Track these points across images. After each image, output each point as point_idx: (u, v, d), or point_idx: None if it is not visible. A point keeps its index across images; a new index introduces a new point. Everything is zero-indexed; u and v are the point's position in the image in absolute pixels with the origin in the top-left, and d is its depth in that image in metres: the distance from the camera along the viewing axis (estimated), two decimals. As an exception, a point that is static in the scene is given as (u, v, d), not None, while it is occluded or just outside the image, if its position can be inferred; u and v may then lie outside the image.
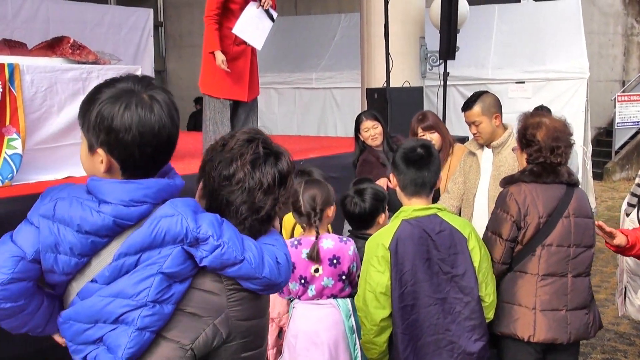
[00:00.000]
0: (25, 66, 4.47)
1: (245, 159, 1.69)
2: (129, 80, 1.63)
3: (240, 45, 5.36)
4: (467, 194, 4.06)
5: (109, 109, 1.56)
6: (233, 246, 1.56)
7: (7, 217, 3.64)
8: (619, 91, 13.27)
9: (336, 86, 11.77)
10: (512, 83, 10.27)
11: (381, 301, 2.75)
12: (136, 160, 1.59)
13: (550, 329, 2.99)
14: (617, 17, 14.01)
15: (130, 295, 1.51)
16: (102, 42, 9.61)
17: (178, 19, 15.45)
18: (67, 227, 1.53)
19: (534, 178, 3.06)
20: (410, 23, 8.62)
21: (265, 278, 1.62)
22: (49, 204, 1.57)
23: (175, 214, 1.54)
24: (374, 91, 7.77)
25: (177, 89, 15.73)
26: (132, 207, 1.54)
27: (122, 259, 1.53)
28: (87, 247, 1.55)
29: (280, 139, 7.21)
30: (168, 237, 1.53)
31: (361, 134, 4.89)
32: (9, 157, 4.31)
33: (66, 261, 1.55)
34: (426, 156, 2.84)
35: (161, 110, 1.59)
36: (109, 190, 1.55)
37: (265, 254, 1.64)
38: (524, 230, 3.03)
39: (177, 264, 1.53)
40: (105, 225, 1.53)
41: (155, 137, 1.58)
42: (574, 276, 3.05)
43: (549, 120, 3.12)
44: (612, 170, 12.82)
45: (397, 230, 2.77)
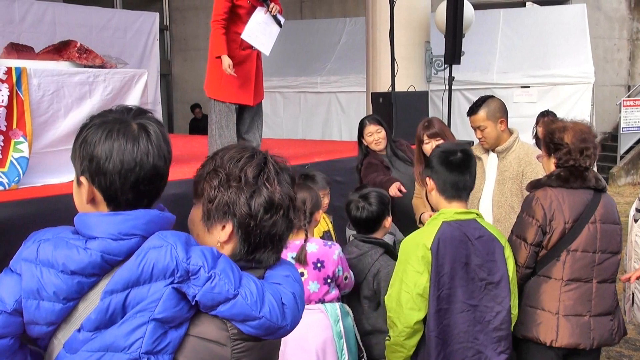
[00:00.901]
0: (33, 70, 4.49)
1: (275, 187, 1.56)
2: (121, 110, 1.54)
3: (246, 50, 5.35)
4: (472, 198, 4.05)
5: (92, 136, 1.47)
6: (225, 278, 1.41)
7: (14, 220, 3.66)
8: (624, 96, 13.24)
9: (341, 90, 11.80)
10: (517, 87, 10.28)
11: (418, 303, 2.70)
12: (118, 190, 1.47)
13: (573, 335, 2.98)
14: (623, 22, 13.99)
15: (122, 348, 1.36)
16: (108, 45, 9.64)
17: (183, 22, 15.50)
18: (51, 269, 1.40)
19: (561, 183, 3.04)
20: (415, 27, 8.64)
21: (265, 319, 1.43)
22: (32, 246, 1.43)
23: (164, 244, 1.41)
24: (379, 95, 7.78)
25: (182, 93, 15.79)
26: (120, 241, 1.42)
27: (109, 297, 1.38)
28: (73, 289, 1.40)
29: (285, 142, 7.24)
30: (156, 270, 1.39)
31: (364, 139, 4.87)
32: (15, 161, 4.33)
33: (50, 308, 1.40)
34: (468, 160, 2.83)
35: (148, 140, 1.48)
36: (94, 224, 1.44)
37: (267, 293, 1.47)
38: (549, 235, 3.01)
39: (170, 307, 1.39)
40: (92, 262, 1.40)
41: (139, 166, 1.47)
42: (598, 282, 3.03)
43: (573, 124, 3.11)
44: (617, 175, 12.79)
45: (439, 231, 2.74)
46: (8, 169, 4.30)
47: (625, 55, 14.13)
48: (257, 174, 1.54)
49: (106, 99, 4.92)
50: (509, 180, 3.81)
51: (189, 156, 6.52)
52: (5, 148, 4.31)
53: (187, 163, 5.80)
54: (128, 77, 5.15)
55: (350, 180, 5.57)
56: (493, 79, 10.44)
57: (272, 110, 12.43)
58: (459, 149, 2.86)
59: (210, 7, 5.46)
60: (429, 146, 4.37)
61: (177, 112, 16.11)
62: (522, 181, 3.76)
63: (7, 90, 4.29)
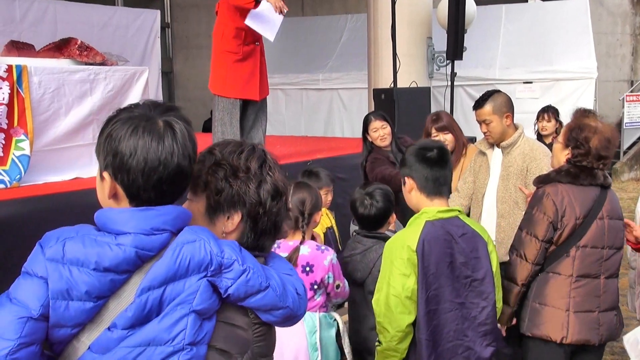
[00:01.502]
0: (33, 68, 4.49)
1: (275, 178, 1.62)
2: (148, 105, 1.54)
3: (250, 45, 5.33)
4: (476, 193, 4.04)
5: (118, 131, 1.46)
6: (258, 272, 1.47)
7: (15, 218, 3.66)
8: (627, 91, 13.20)
9: (343, 87, 11.78)
10: (519, 83, 10.25)
11: (407, 306, 2.67)
12: (140, 188, 1.47)
13: (582, 331, 2.96)
14: (625, 17, 13.94)
15: (166, 341, 1.39)
16: (109, 43, 9.62)
17: (185, 20, 15.48)
18: (82, 267, 1.38)
19: (570, 179, 3.01)
20: (417, 24, 8.62)
21: (289, 308, 1.52)
22: (56, 245, 1.40)
23: (197, 239, 1.44)
24: (381, 92, 7.75)
25: (184, 91, 15.78)
26: (153, 236, 1.43)
27: (146, 293, 1.40)
28: (106, 286, 1.39)
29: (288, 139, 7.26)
30: (193, 265, 1.42)
31: (369, 135, 4.85)
32: (17, 159, 4.33)
33: (80, 308, 1.38)
34: (444, 154, 2.79)
35: (173, 139, 1.48)
36: (124, 220, 1.43)
37: (287, 284, 1.55)
38: (560, 231, 2.99)
39: (206, 299, 1.43)
40: (127, 258, 1.39)
41: (162, 165, 1.46)
42: (606, 277, 3.03)
43: (603, 127, 3.05)
44: (620, 170, 12.76)
45: (423, 232, 2.69)
46: (9, 167, 4.30)
47: (628, 50, 14.08)
48: (261, 164, 1.60)
49: (107, 96, 4.91)
50: (513, 175, 3.79)
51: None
52: (6, 146, 4.31)
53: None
54: (129, 74, 5.15)
55: (353, 177, 5.56)
56: (495, 75, 10.42)
57: (274, 108, 12.40)
58: (435, 145, 2.82)
59: (211, 5, 5.42)
60: (437, 139, 4.35)
61: (179, 110, 16.12)
62: (526, 177, 3.74)
63: (7, 88, 4.29)
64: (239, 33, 5.23)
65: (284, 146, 7.27)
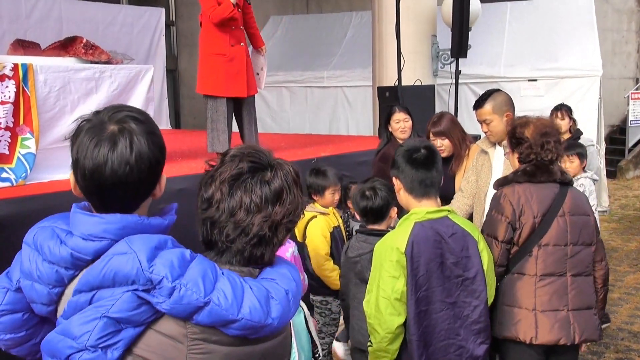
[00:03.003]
0: (39, 66, 4.51)
1: (224, 177, 1.54)
2: (108, 110, 1.54)
3: (235, 46, 5.66)
4: (479, 192, 4.04)
5: (77, 134, 1.50)
6: (193, 287, 1.37)
7: (21, 216, 3.68)
8: (632, 88, 13.16)
9: (347, 84, 11.76)
10: (524, 81, 10.22)
11: (397, 307, 2.68)
12: (84, 189, 1.51)
13: (552, 330, 2.95)
14: (631, 14, 13.89)
15: (74, 337, 1.39)
16: (115, 41, 9.67)
17: (190, 17, 15.49)
18: (39, 255, 1.49)
19: (527, 178, 3.04)
20: (421, 21, 8.60)
21: (244, 319, 1.40)
22: (33, 230, 1.54)
23: (128, 252, 1.40)
24: (386, 89, 7.75)
25: (189, 88, 15.80)
26: (89, 242, 1.45)
27: (77, 295, 1.43)
28: (53, 277, 1.48)
29: (292, 137, 7.30)
30: (118, 278, 1.39)
31: (391, 125, 4.97)
32: (22, 157, 4.35)
33: (40, 290, 1.50)
34: (431, 156, 2.80)
35: (112, 147, 1.47)
36: (76, 221, 1.49)
37: (249, 292, 1.43)
38: (519, 230, 3.00)
39: (126, 310, 1.38)
40: (64, 258, 1.46)
41: (97, 172, 1.47)
42: (573, 275, 3.01)
43: (536, 119, 3.13)
44: (625, 168, 12.73)
45: (412, 233, 2.69)
46: (15, 165, 4.32)
47: (633, 47, 14.04)
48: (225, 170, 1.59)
49: (112, 94, 4.93)
50: None
51: (195, 152, 6.53)
52: (12, 144, 4.33)
53: (193, 159, 5.81)
54: (134, 72, 5.17)
55: (358, 174, 5.57)
56: (500, 73, 10.39)
57: (278, 105, 12.42)
58: (423, 145, 2.83)
59: None
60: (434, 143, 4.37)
61: (183, 108, 16.13)
62: None
63: (13, 86, 4.31)
64: (224, 37, 5.60)
65: (288, 144, 7.28)
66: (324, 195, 4.15)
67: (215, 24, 5.54)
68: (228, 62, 5.61)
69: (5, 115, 4.27)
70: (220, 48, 5.60)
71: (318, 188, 4.16)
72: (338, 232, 4.20)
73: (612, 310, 5.75)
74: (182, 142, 7.83)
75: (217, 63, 5.62)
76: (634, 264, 7.18)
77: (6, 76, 4.28)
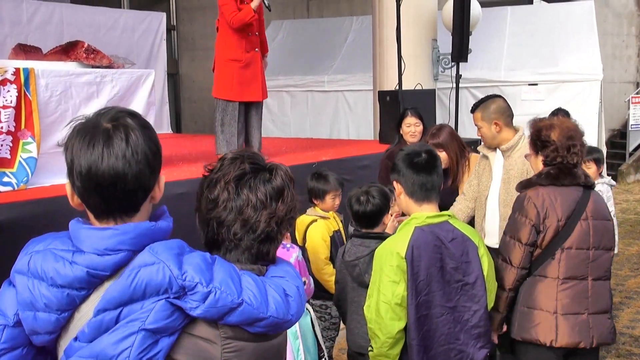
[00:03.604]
0: (40, 70, 4.51)
1: (228, 177, 1.57)
2: (98, 113, 1.50)
3: (250, 52, 5.86)
4: (480, 196, 4.06)
5: (69, 139, 1.46)
6: (227, 289, 1.39)
7: (22, 220, 3.68)
8: (633, 93, 13.16)
9: (348, 89, 11.78)
10: (525, 85, 10.24)
11: (397, 312, 2.68)
12: (83, 194, 1.45)
13: (572, 333, 2.97)
14: (631, 18, 13.90)
15: (111, 357, 1.34)
16: (116, 45, 9.69)
17: (190, 22, 15.52)
18: (42, 282, 1.40)
19: (551, 181, 3.04)
20: (422, 25, 8.62)
21: (272, 317, 1.44)
22: (24, 258, 1.44)
23: (156, 261, 1.37)
24: (386, 94, 7.77)
25: (190, 92, 15.83)
26: (106, 256, 1.39)
27: (102, 314, 1.37)
28: (64, 301, 1.40)
29: (293, 141, 7.31)
30: (149, 289, 1.36)
31: (402, 128, 5.07)
32: (24, 161, 4.35)
33: (46, 319, 1.41)
34: (432, 160, 2.80)
35: (106, 144, 1.42)
36: (82, 237, 1.42)
37: (270, 289, 1.47)
38: (543, 233, 3.00)
39: (162, 319, 1.36)
40: (79, 278, 1.39)
41: (95, 171, 1.42)
42: (593, 279, 3.02)
43: (559, 121, 3.13)
44: (626, 172, 12.72)
45: (412, 238, 2.70)
46: (17, 170, 4.33)
47: (634, 51, 14.04)
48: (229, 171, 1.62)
49: (113, 99, 4.94)
50: (514, 178, 3.81)
51: (196, 156, 6.54)
52: (13, 149, 4.34)
53: (193, 162, 5.83)
54: (135, 77, 5.18)
55: (359, 178, 5.58)
56: (501, 77, 10.41)
57: (279, 109, 12.43)
58: (424, 149, 2.83)
59: (217, 6, 5.69)
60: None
61: (184, 112, 16.14)
62: None
63: (15, 90, 4.32)
64: (240, 43, 5.81)
65: (289, 148, 7.29)
66: (325, 199, 4.16)
67: (235, 29, 5.72)
68: (243, 68, 5.83)
69: (7, 119, 4.27)
70: (236, 54, 5.81)
71: (319, 192, 4.16)
72: (338, 236, 4.20)
73: (613, 314, 5.74)
74: (183, 146, 7.83)
75: (232, 68, 5.83)
76: (635, 268, 7.17)
77: (8, 80, 4.29)
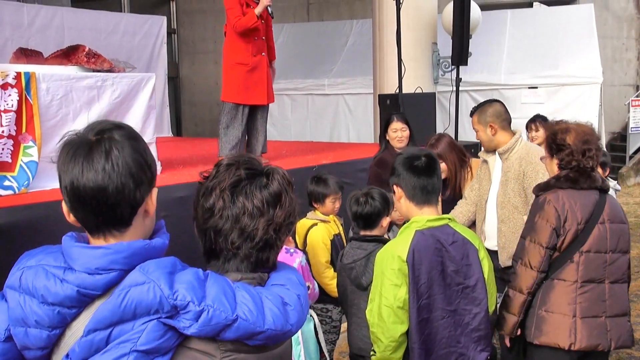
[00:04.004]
0: (41, 74, 4.53)
1: (223, 185, 1.54)
2: (90, 126, 1.49)
3: (257, 56, 5.90)
4: (480, 200, 4.08)
5: (59, 152, 1.46)
6: (220, 306, 1.36)
7: (23, 224, 3.69)
8: (633, 95, 13.17)
9: (348, 92, 11.80)
10: (525, 88, 10.26)
11: (399, 316, 2.68)
12: (72, 209, 1.44)
13: (591, 336, 2.97)
14: (631, 21, 13.92)
15: None
16: (116, 49, 9.69)
17: (191, 25, 15.54)
18: (33, 299, 1.38)
19: (570, 184, 3.04)
20: (422, 29, 8.63)
21: (270, 330, 1.41)
22: (16, 273, 1.42)
23: (146, 281, 1.34)
24: (387, 97, 7.77)
25: (190, 95, 15.84)
26: (97, 276, 1.37)
27: (92, 334, 1.34)
28: (55, 319, 1.37)
29: (293, 144, 7.31)
30: (140, 309, 1.33)
31: (388, 134, 4.98)
32: (25, 165, 4.37)
33: (37, 335, 1.39)
34: (432, 163, 2.81)
35: (86, 158, 1.41)
36: (74, 255, 1.40)
37: (267, 301, 1.44)
38: (563, 237, 3.01)
39: (154, 339, 1.34)
40: (69, 296, 1.36)
41: (79, 186, 1.40)
42: (611, 282, 3.03)
43: (576, 125, 3.13)
44: (626, 175, 12.73)
45: (413, 242, 2.70)
46: (18, 173, 4.34)
47: (633, 54, 14.06)
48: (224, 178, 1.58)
49: (114, 103, 4.95)
50: (511, 180, 3.83)
51: (196, 159, 6.55)
52: (14, 152, 4.35)
53: (194, 166, 5.83)
54: (136, 81, 5.19)
55: (359, 182, 5.59)
56: (500, 80, 10.43)
57: (280, 113, 12.45)
58: (423, 153, 2.84)
59: (217, 10, 5.68)
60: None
61: (184, 115, 16.16)
62: (523, 181, 3.77)
63: (16, 95, 4.33)
64: (247, 46, 5.86)
65: (289, 151, 7.30)
66: (325, 203, 4.16)
67: (239, 34, 5.77)
68: (250, 72, 5.88)
69: (8, 123, 4.29)
70: (243, 58, 5.86)
71: (319, 196, 4.17)
72: (339, 239, 4.21)
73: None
74: (183, 149, 7.85)
75: (239, 72, 5.89)
76: (635, 270, 7.17)
77: (9, 84, 4.30)
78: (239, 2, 5.70)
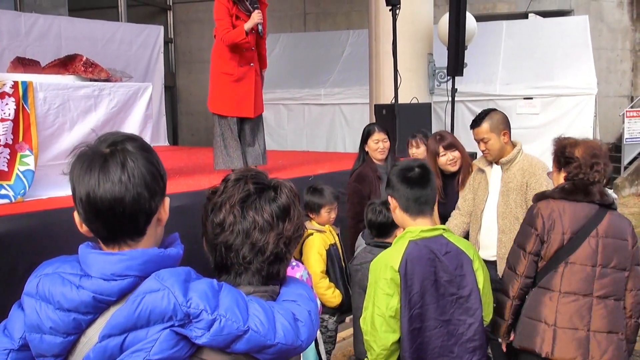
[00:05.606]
0: (39, 84, 4.54)
1: (233, 200, 1.56)
2: (102, 138, 1.51)
3: (244, 67, 5.71)
4: (476, 210, 4.09)
5: (71, 167, 1.47)
6: (232, 317, 1.37)
7: (19, 233, 3.69)
8: (627, 106, 13.24)
9: (345, 102, 11.83)
10: (520, 99, 10.30)
11: (391, 325, 2.70)
12: (86, 220, 1.46)
13: (569, 348, 2.98)
14: (626, 33, 14.01)
15: None
16: (114, 58, 9.73)
17: (188, 35, 15.58)
18: (49, 305, 1.40)
19: (563, 195, 3.08)
20: (418, 39, 8.68)
21: (280, 344, 1.42)
22: (33, 280, 1.44)
23: (161, 288, 1.36)
24: (382, 107, 7.81)
25: (187, 105, 15.85)
26: (113, 282, 1.39)
27: (106, 340, 1.36)
28: (70, 325, 1.39)
29: (290, 154, 7.29)
30: (154, 316, 1.35)
31: (369, 145, 4.85)
32: (21, 174, 4.37)
33: (52, 341, 1.40)
34: (426, 174, 2.82)
35: (102, 170, 1.43)
36: (92, 262, 1.42)
37: (278, 315, 1.45)
38: (547, 244, 3.04)
39: (167, 348, 1.34)
40: (85, 302, 1.38)
41: (92, 197, 1.42)
42: (599, 297, 3.01)
43: (584, 139, 3.17)
44: (621, 185, 12.77)
45: (406, 252, 2.73)
46: (14, 182, 4.34)
47: (628, 66, 14.14)
48: (233, 193, 1.60)
49: (111, 112, 4.97)
50: (513, 191, 3.83)
51: (193, 169, 6.56)
52: (11, 161, 4.35)
53: (190, 175, 5.84)
54: (133, 90, 5.20)
55: (354, 192, 5.58)
56: (496, 91, 10.47)
57: (276, 122, 12.47)
58: (416, 164, 2.86)
59: (214, 20, 5.65)
60: (444, 158, 4.42)
61: (181, 124, 16.17)
62: (526, 192, 3.78)
63: (13, 104, 4.34)
64: (234, 56, 5.64)
65: (286, 161, 7.31)
66: (320, 213, 4.18)
67: (227, 46, 5.59)
68: (235, 82, 5.67)
69: (5, 132, 4.30)
70: (229, 67, 5.66)
71: (314, 206, 4.19)
72: (335, 249, 4.22)
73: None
74: (179, 159, 7.85)
75: (225, 82, 5.69)
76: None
77: (6, 94, 4.31)
78: (228, 13, 5.50)
